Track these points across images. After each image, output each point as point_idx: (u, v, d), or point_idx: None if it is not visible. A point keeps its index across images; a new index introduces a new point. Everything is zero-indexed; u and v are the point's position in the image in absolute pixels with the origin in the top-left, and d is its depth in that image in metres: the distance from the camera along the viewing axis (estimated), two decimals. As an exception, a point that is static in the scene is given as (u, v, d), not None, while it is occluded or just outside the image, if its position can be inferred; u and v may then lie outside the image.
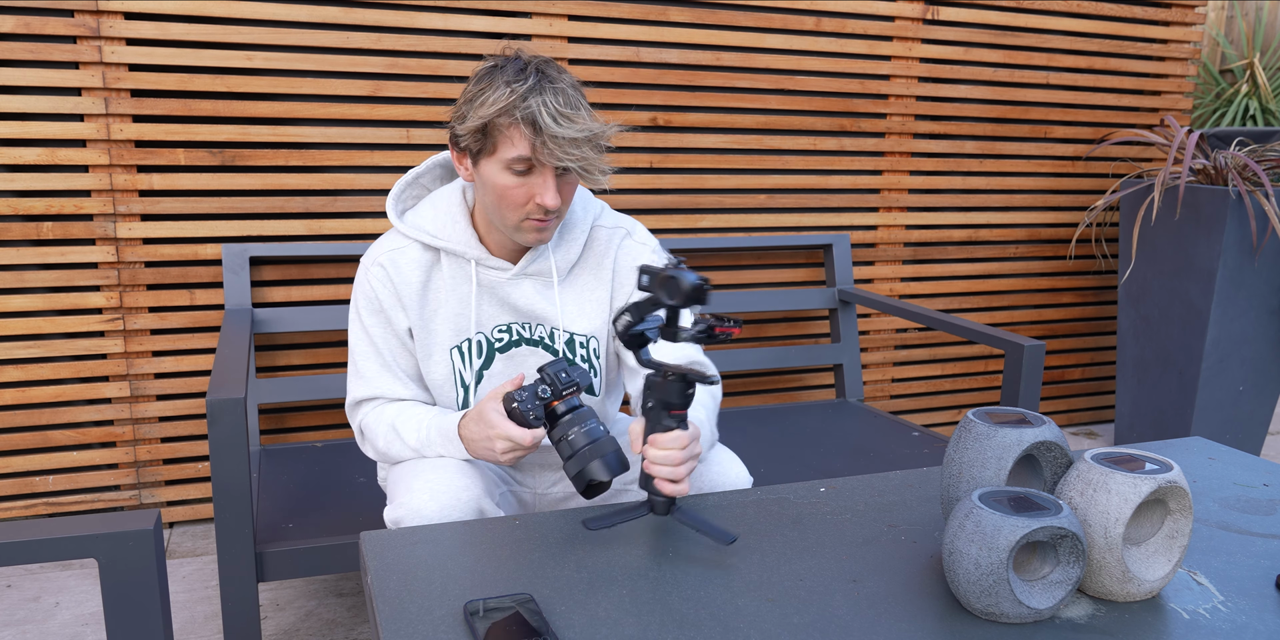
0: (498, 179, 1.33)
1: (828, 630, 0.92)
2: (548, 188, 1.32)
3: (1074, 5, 2.98)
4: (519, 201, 1.34)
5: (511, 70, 1.31)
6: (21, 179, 2.12)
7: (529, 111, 1.27)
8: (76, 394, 2.26)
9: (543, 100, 1.28)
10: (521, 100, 1.28)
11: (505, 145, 1.30)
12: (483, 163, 1.34)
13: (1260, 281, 2.80)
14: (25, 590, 2.08)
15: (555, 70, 1.34)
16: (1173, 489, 0.97)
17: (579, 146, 1.29)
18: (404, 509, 1.31)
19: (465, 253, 1.42)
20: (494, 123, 1.30)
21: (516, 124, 1.29)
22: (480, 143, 1.32)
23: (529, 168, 1.32)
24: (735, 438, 2.36)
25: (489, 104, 1.29)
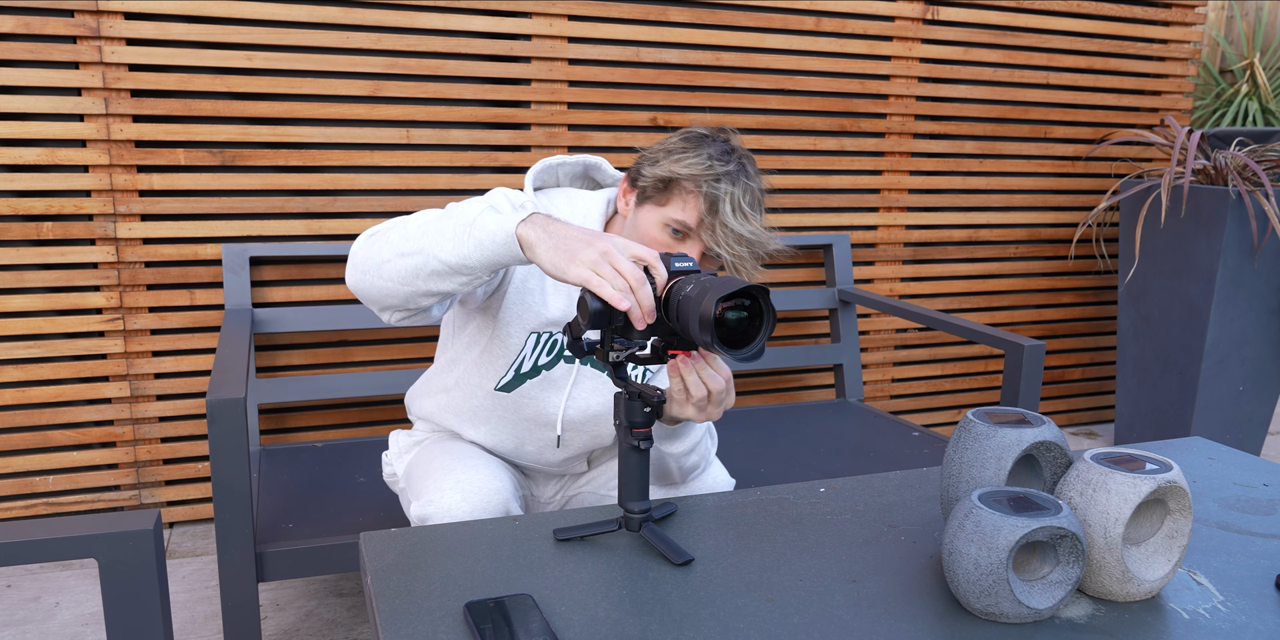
0: (650, 230, 1.34)
1: (828, 630, 0.92)
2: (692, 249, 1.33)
3: (1074, 5, 2.98)
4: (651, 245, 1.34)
5: (719, 148, 1.34)
6: (21, 179, 2.12)
7: (715, 192, 1.30)
8: (76, 394, 2.26)
9: (733, 190, 1.31)
10: (715, 180, 1.30)
11: (678, 206, 1.32)
12: (646, 207, 1.35)
13: (1260, 281, 2.80)
14: (25, 590, 2.08)
15: (754, 168, 1.37)
16: (1172, 489, 0.97)
17: (740, 243, 1.32)
18: (434, 506, 1.30)
19: None
20: (681, 182, 1.32)
21: (699, 195, 1.31)
22: (656, 191, 1.34)
23: (685, 237, 1.33)
24: (735, 438, 2.36)
25: (685, 164, 1.31)
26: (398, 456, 1.60)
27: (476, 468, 1.36)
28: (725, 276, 1.01)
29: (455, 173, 2.44)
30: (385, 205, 2.39)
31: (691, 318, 0.99)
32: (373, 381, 2.34)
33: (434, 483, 1.35)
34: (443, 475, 1.35)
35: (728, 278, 1.00)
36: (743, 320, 1.00)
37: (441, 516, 1.29)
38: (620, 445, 1.11)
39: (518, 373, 1.42)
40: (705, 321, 0.97)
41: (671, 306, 1.04)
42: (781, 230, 2.79)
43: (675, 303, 1.03)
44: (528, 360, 1.42)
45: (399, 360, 2.48)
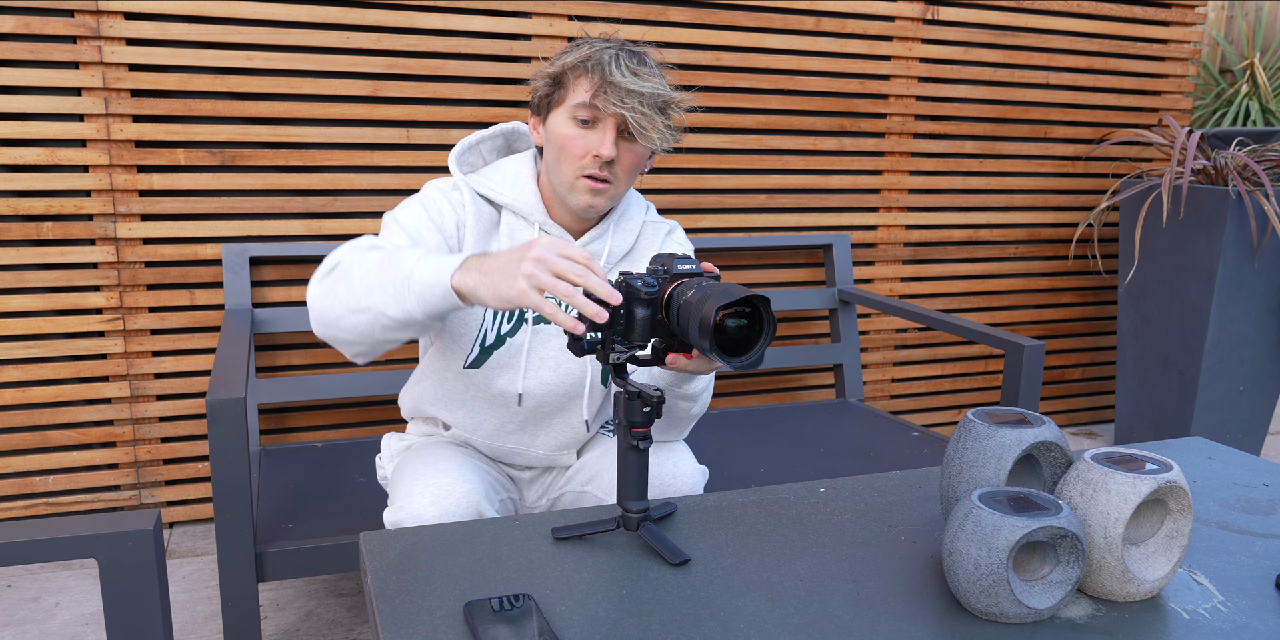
0: (561, 129, 1.35)
1: (828, 630, 0.92)
2: (605, 140, 1.33)
3: (1074, 5, 2.98)
4: (577, 153, 1.35)
5: (599, 41, 1.37)
6: (21, 179, 2.12)
7: (600, 60, 1.32)
8: (76, 394, 2.26)
9: (617, 55, 1.33)
10: (598, 53, 1.33)
11: (572, 93, 1.34)
12: (551, 116, 1.37)
13: (1260, 281, 2.80)
14: (25, 590, 2.08)
15: (640, 47, 1.39)
16: (1173, 489, 0.97)
17: (637, 99, 1.31)
18: (403, 512, 1.31)
19: (530, 214, 1.42)
20: (567, 72, 1.34)
21: (585, 72, 1.33)
22: (551, 92, 1.36)
23: (592, 118, 1.34)
24: (735, 438, 2.36)
25: (569, 57, 1.34)
26: (389, 459, 1.61)
27: (447, 471, 1.37)
28: (728, 284, 1.00)
29: (455, 173, 2.43)
30: (385, 205, 2.39)
31: (692, 323, 0.99)
32: (373, 381, 2.34)
33: (405, 488, 1.36)
34: (413, 480, 1.36)
35: (730, 284, 1.00)
36: (743, 328, 1.01)
37: (411, 521, 1.30)
38: (619, 445, 1.11)
39: (483, 346, 1.44)
40: (705, 328, 0.97)
41: (673, 311, 1.04)
42: (781, 230, 2.79)
43: (676, 307, 1.03)
44: (490, 332, 1.44)
45: (399, 360, 2.48)
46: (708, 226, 2.70)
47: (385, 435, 1.66)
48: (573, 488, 1.55)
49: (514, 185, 1.44)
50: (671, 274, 1.06)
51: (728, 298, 0.96)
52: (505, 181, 1.44)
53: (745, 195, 2.72)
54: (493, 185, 1.44)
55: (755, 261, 2.79)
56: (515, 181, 1.44)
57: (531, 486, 1.61)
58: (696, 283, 1.03)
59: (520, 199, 1.43)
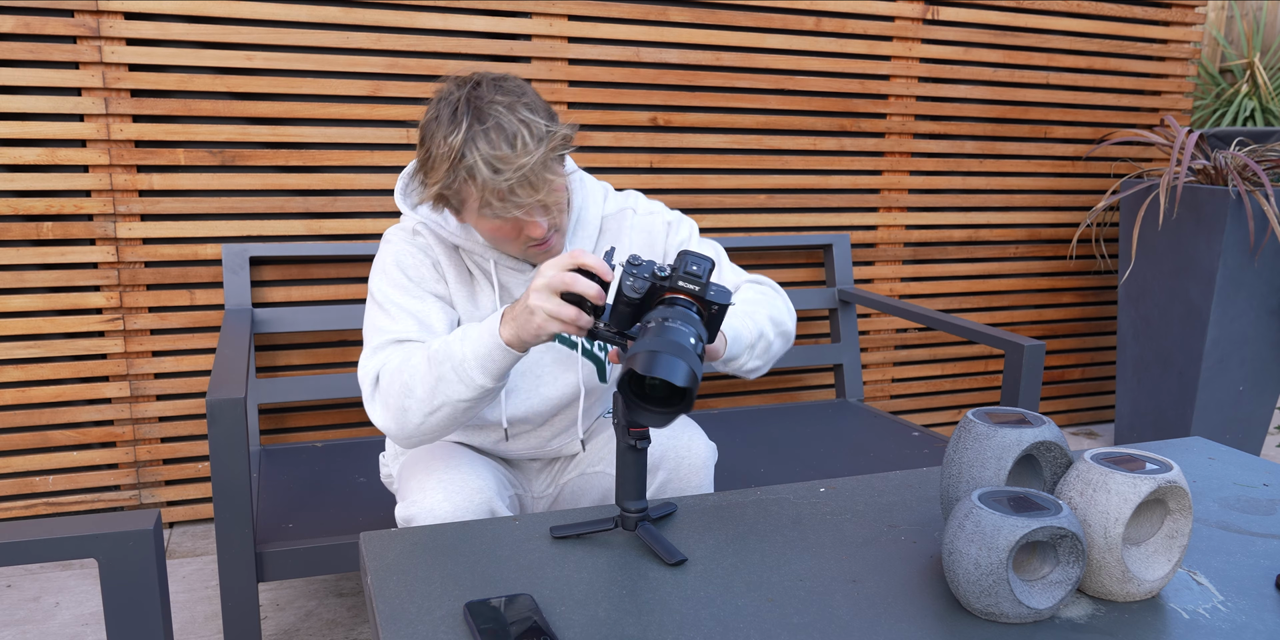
0: (481, 226, 1.32)
1: (828, 630, 0.92)
2: (535, 226, 1.30)
3: (1074, 5, 2.98)
4: (511, 237, 1.33)
5: (446, 115, 1.24)
6: (21, 179, 2.12)
7: (470, 168, 1.22)
8: (76, 394, 2.26)
9: (477, 150, 1.21)
10: (460, 158, 1.22)
11: (469, 201, 1.27)
12: (464, 215, 1.32)
13: (1260, 281, 2.80)
14: (25, 590, 2.08)
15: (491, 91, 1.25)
16: (1172, 489, 0.97)
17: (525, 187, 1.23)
18: (416, 507, 1.31)
19: (483, 254, 1.41)
20: (449, 187, 1.26)
21: (467, 181, 1.24)
22: (447, 204, 1.31)
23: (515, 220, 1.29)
24: (735, 438, 2.36)
25: (436, 169, 1.25)
26: (393, 458, 1.61)
27: (459, 467, 1.37)
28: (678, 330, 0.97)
29: (455, 173, 2.43)
30: (385, 205, 2.39)
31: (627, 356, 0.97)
32: (373, 381, 2.34)
33: (418, 483, 1.35)
34: (426, 476, 1.36)
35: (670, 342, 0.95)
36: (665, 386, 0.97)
37: (424, 517, 1.30)
38: (618, 444, 1.11)
39: None
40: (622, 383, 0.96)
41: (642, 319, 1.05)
42: (781, 230, 2.79)
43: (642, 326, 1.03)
44: None
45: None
46: (708, 226, 2.70)
47: None
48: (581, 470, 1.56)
49: (463, 227, 1.40)
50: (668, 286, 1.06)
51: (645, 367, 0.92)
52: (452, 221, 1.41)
53: (745, 195, 2.72)
54: (447, 226, 1.40)
55: (755, 261, 2.79)
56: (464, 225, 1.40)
57: (539, 476, 1.61)
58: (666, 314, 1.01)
59: (472, 240, 1.40)
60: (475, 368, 1.19)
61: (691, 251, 1.06)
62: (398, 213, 2.42)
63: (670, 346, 0.94)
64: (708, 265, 1.06)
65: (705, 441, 1.47)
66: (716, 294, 1.06)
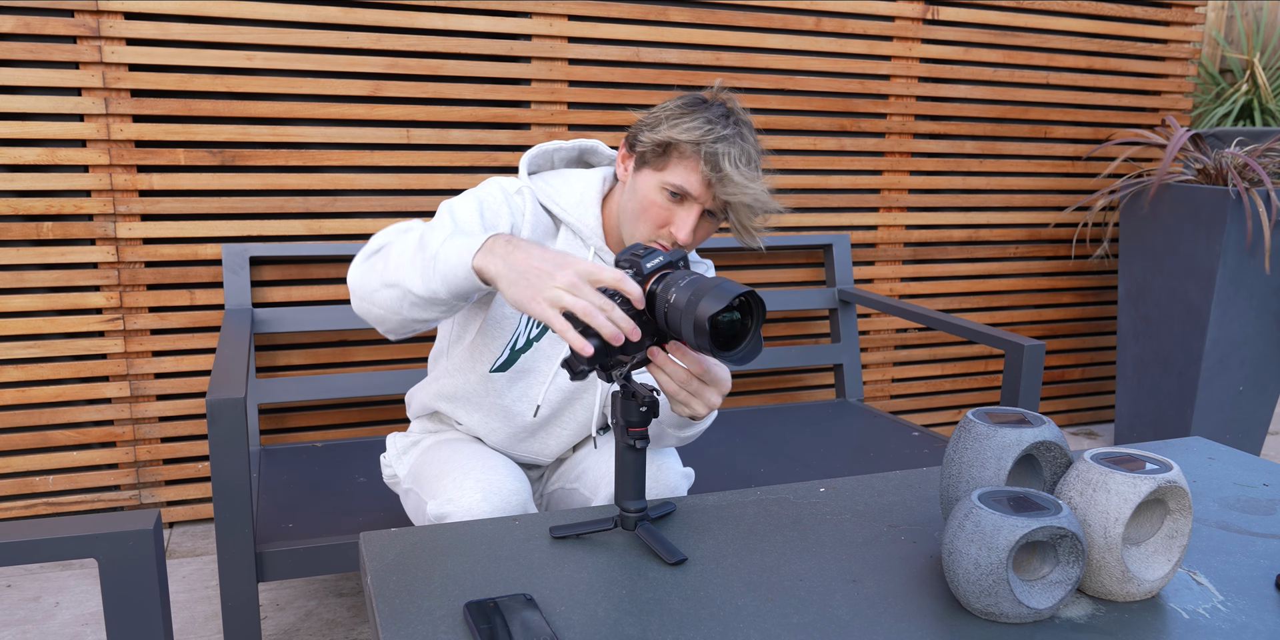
0: (650, 194, 1.35)
1: (828, 630, 0.92)
2: (686, 222, 1.35)
3: (1074, 5, 2.98)
4: (656, 222, 1.36)
5: (717, 111, 1.35)
6: (21, 179, 2.12)
7: (715, 154, 1.31)
8: (76, 394, 2.26)
9: (731, 150, 1.32)
10: (714, 141, 1.31)
11: (676, 169, 1.33)
12: (644, 171, 1.36)
13: (1260, 281, 2.80)
14: (25, 590, 2.08)
15: (751, 132, 1.38)
16: (1172, 489, 0.97)
17: (743, 201, 1.33)
18: (453, 505, 1.30)
19: (589, 237, 1.42)
20: (679, 146, 1.32)
21: (699, 157, 1.32)
22: (655, 156, 1.35)
23: (683, 199, 1.35)
24: (735, 438, 2.36)
25: (683, 128, 1.32)
26: (396, 458, 1.60)
27: (495, 468, 1.36)
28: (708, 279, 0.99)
29: (455, 173, 2.44)
30: (385, 205, 2.39)
31: (685, 326, 0.98)
32: (373, 381, 2.34)
33: (453, 482, 1.34)
34: (462, 475, 1.35)
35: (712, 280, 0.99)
36: (735, 322, 1.00)
37: (462, 515, 1.29)
38: (616, 444, 1.11)
39: (513, 350, 1.44)
40: (701, 330, 0.96)
41: (659, 312, 1.03)
42: (781, 230, 2.79)
43: (663, 312, 1.02)
44: (521, 336, 1.44)
45: (399, 360, 2.48)
46: (708, 226, 2.69)
47: (390, 435, 1.65)
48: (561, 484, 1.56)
49: (579, 204, 1.43)
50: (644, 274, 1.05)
51: (719, 301, 0.95)
52: (571, 198, 1.43)
53: (745, 195, 2.72)
54: (558, 198, 1.43)
55: (755, 261, 2.79)
56: (581, 200, 1.43)
57: (535, 485, 1.61)
58: (675, 280, 1.02)
59: (582, 220, 1.43)
60: (438, 273, 1.10)
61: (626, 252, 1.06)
62: (397, 214, 2.42)
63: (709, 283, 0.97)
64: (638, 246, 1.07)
65: (679, 468, 1.46)
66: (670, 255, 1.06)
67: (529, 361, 1.45)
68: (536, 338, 1.44)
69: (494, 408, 1.48)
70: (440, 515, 1.31)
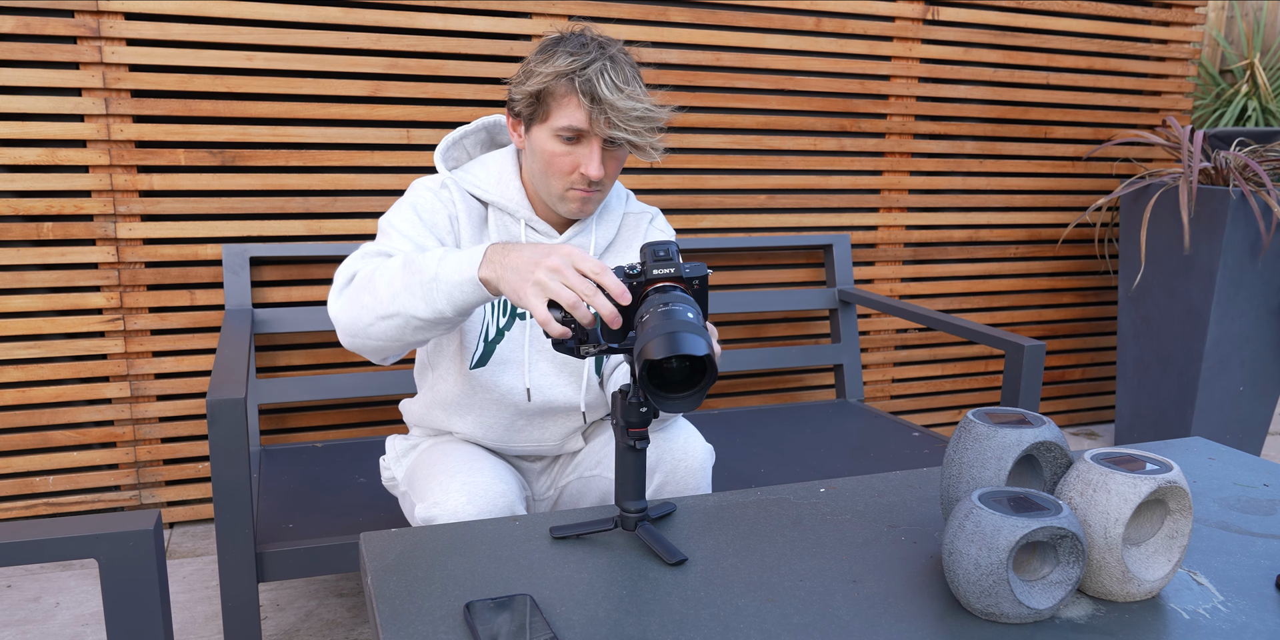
0: (546, 146, 1.35)
1: (828, 630, 0.92)
2: (592, 158, 1.34)
3: (1074, 5, 2.98)
4: (564, 170, 1.36)
5: (574, 43, 1.34)
6: (21, 179, 2.12)
7: (587, 80, 1.29)
8: (76, 394, 2.26)
9: (602, 71, 1.30)
10: (582, 68, 1.30)
11: (558, 112, 1.32)
12: (534, 129, 1.37)
13: (1260, 281, 2.80)
14: (25, 590, 2.08)
15: (618, 49, 1.36)
16: (1173, 489, 0.97)
17: (632, 120, 1.31)
18: (439, 508, 1.31)
19: (516, 211, 1.44)
20: (550, 89, 1.32)
21: (574, 93, 1.31)
22: (534, 108, 1.35)
23: (578, 136, 1.34)
24: (735, 438, 2.36)
25: (548, 69, 1.31)
26: (395, 460, 1.60)
27: (482, 470, 1.36)
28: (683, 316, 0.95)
29: (455, 173, 2.44)
30: (385, 205, 2.39)
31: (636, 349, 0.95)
32: (373, 381, 2.34)
33: (439, 484, 1.34)
34: (448, 477, 1.35)
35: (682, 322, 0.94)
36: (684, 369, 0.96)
37: (447, 519, 1.29)
38: (616, 445, 1.11)
39: (486, 342, 1.45)
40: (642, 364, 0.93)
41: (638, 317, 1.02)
42: (781, 230, 2.79)
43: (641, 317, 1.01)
44: (491, 327, 1.45)
45: (400, 360, 2.48)
46: (708, 226, 2.70)
47: (390, 437, 1.65)
48: (580, 473, 1.55)
49: (498, 182, 1.45)
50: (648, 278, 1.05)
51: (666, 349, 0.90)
52: (490, 178, 1.45)
53: (745, 195, 2.72)
54: (478, 182, 1.45)
55: (755, 261, 2.79)
56: (499, 179, 1.45)
57: (541, 477, 1.61)
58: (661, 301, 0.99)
59: (505, 196, 1.44)
60: (441, 293, 1.14)
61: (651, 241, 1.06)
62: (398, 213, 2.41)
63: (677, 325, 0.94)
64: (672, 246, 1.06)
65: (702, 443, 1.47)
66: (692, 269, 1.06)
67: (506, 352, 1.46)
68: (506, 327, 1.45)
69: (486, 403, 1.49)
70: (427, 518, 1.31)
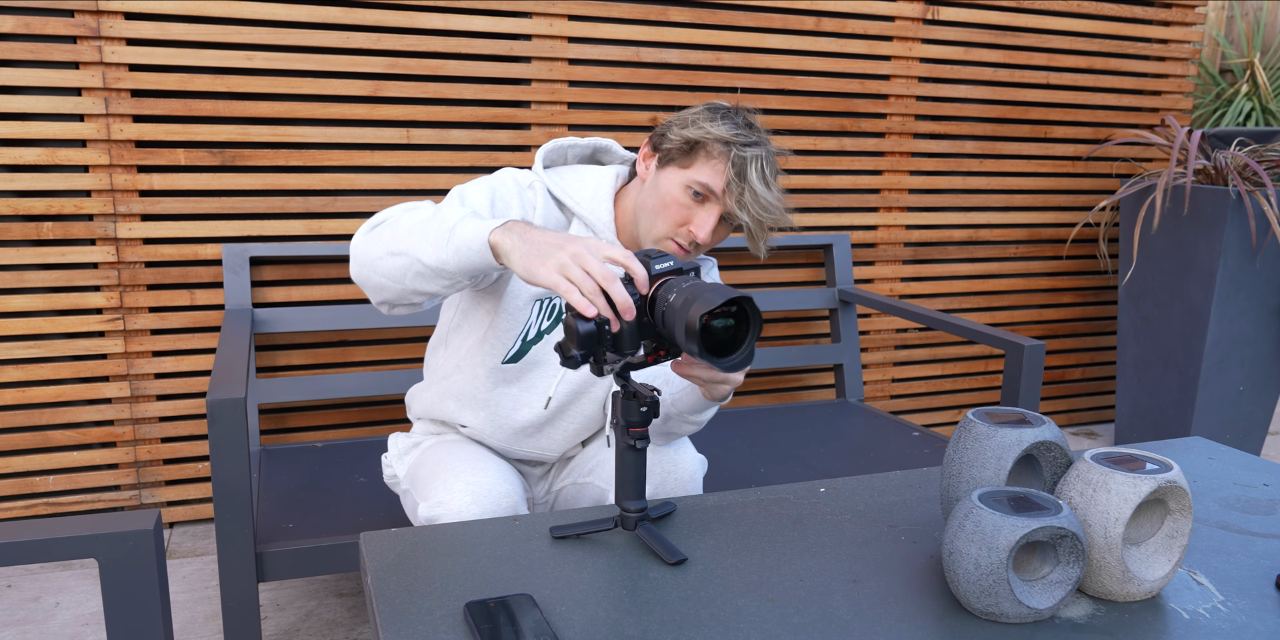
0: (672, 191, 1.36)
1: (828, 630, 0.92)
2: (707, 223, 1.36)
3: (1074, 5, 2.98)
4: (676, 220, 1.37)
5: (743, 119, 1.38)
6: (21, 179, 2.12)
7: (743, 158, 1.33)
8: (76, 394, 2.26)
9: (758, 157, 1.34)
10: (744, 145, 1.34)
11: (703, 168, 1.35)
12: (668, 169, 1.38)
13: (1260, 281, 2.80)
14: (25, 590, 2.08)
15: (769, 142, 1.40)
16: (1173, 489, 0.97)
17: (761, 209, 1.35)
18: (443, 508, 1.30)
19: (600, 231, 1.43)
20: (707, 146, 1.35)
21: (726, 160, 1.34)
22: (681, 154, 1.36)
23: (705, 198, 1.36)
24: (735, 438, 2.36)
25: (715, 128, 1.35)
26: (397, 458, 1.60)
27: (486, 470, 1.36)
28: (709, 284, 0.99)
29: (455, 173, 2.44)
30: (385, 205, 2.38)
31: (678, 327, 0.98)
32: (373, 381, 2.34)
33: (443, 484, 1.34)
34: (452, 477, 1.35)
35: (711, 285, 0.98)
36: (729, 328, 0.99)
37: (451, 518, 1.29)
38: (616, 445, 1.11)
39: (524, 341, 1.44)
40: (691, 332, 0.96)
41: (657, 314, 1.03)
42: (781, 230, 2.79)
43: (661, 311, 1.02)
44: (533, 328, 1.44)
45: (399, 360, 2.48)
46: (708, 226, 2.69)
47: (391, 435, 1.65)
48: (573, 479, 1.55)
49: (593, 198, 1.44)
50: (651, 274, 1.05)
51: (712, 301, 0.95)
52: (585, 191, 1.44)
53: (745, 195, 2.72)
54: (572, 192, 1.44)
55: (755, 261, 2.79)
56: (595, 194, 1.44)
57: (539, 483, 1.61)
58: (677, 283, 1.02)
59: (595, 214, 1.44)
60: (451, 244, 1.12)
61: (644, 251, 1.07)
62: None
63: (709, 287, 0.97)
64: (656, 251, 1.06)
65: (694, 454, 1.48)
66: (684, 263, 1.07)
67: (539, 353, 1.45)
68: (548, 329, 1.45)
69: (501, 402, 1.48)
70: (430, 517, 1.31)
